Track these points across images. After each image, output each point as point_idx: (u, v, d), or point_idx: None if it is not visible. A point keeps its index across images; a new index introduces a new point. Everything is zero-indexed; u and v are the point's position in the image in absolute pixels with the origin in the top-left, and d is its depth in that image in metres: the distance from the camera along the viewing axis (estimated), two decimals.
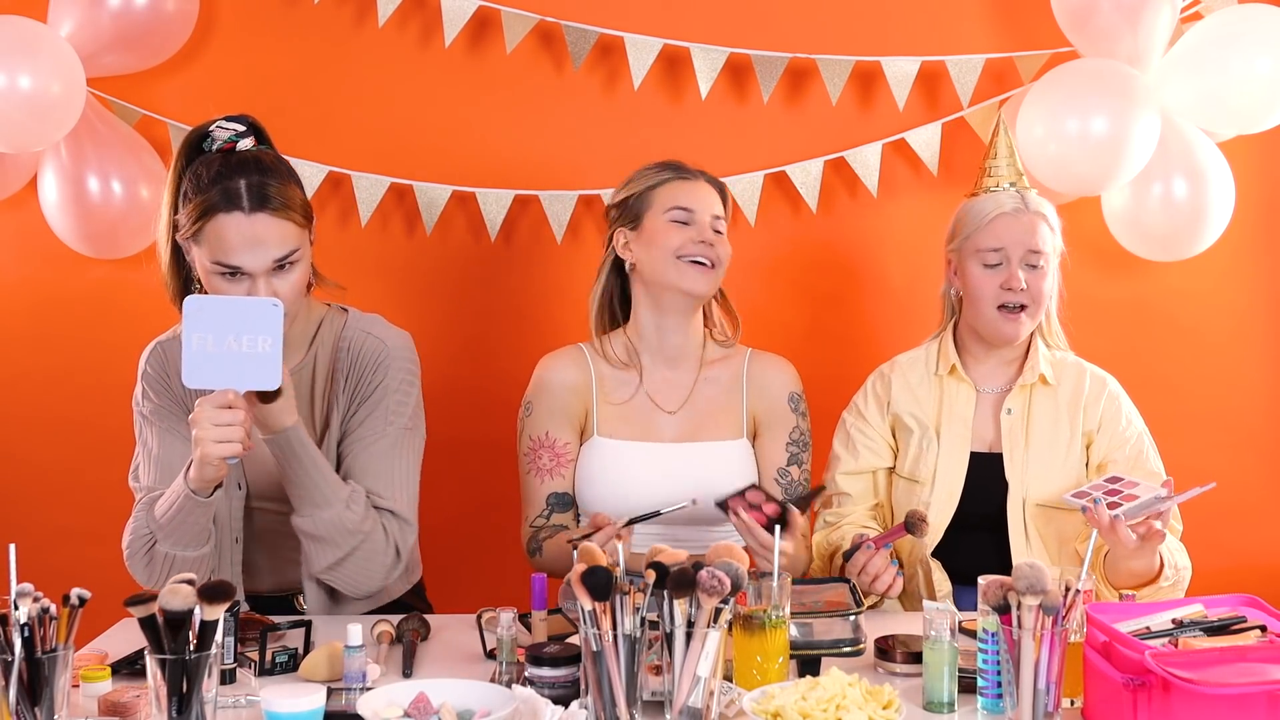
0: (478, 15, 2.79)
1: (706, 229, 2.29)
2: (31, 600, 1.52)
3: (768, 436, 2.35)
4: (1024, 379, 2.33)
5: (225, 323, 1.89)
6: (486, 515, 2.59)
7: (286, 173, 2.08)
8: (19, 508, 2.91)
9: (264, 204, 1.99)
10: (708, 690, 1.55)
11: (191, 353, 1.89)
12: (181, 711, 1.51)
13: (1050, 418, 2.32)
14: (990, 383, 2.37)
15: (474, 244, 2.90)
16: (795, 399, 2.37)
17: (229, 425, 1.89)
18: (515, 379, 2.76)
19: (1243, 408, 2.93)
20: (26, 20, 2.61)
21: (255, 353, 1.89)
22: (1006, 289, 2.26)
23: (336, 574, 2.10)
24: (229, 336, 1.89)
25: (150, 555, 2.05)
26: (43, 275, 2.90)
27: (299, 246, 2.03)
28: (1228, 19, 2.66)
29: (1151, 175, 2.67)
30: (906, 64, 2.78)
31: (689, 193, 2.32)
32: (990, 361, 2.36)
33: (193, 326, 1.89)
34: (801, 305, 2.92)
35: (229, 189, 1.99)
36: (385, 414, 2.16)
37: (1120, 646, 1.58)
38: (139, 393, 2.19)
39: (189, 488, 1.96)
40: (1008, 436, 2.31)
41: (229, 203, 1.98)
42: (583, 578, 1.53)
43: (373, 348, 2.18)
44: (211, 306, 1.91)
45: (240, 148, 2.06)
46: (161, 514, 2.02)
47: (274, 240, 2.00)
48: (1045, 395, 2.33)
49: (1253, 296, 2.92)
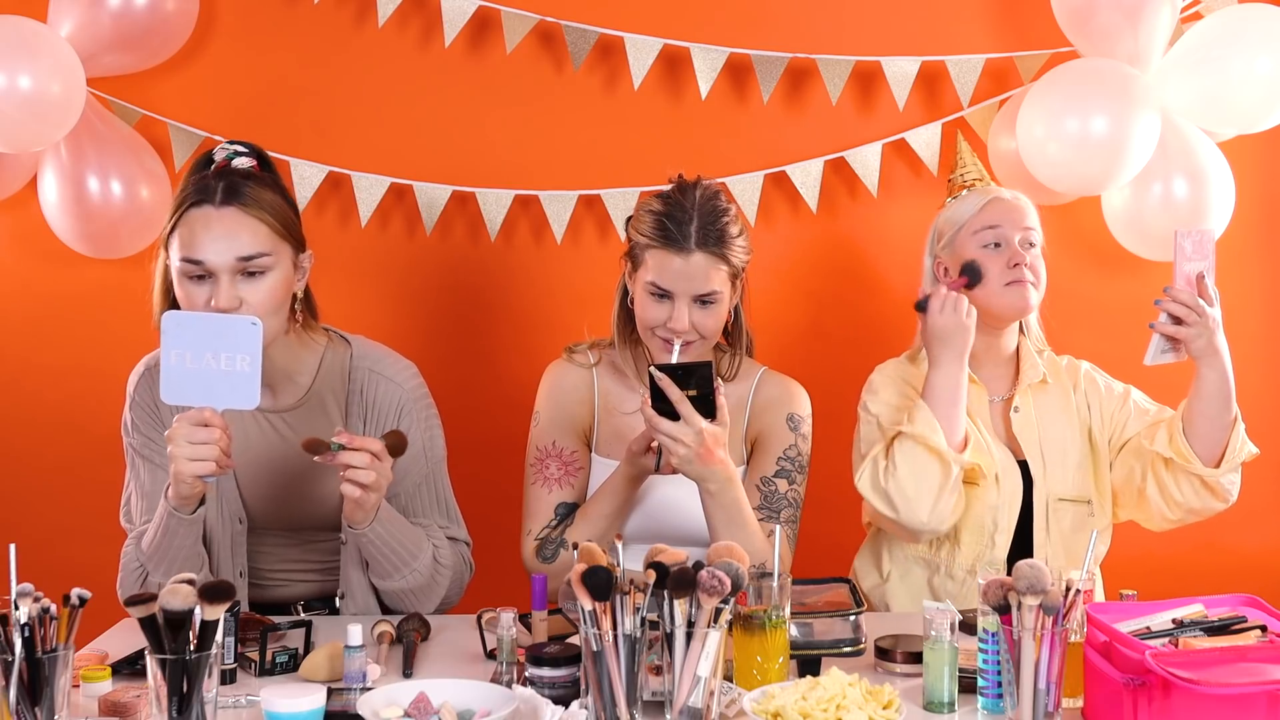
0: (478, 15, 2.79)
1: (682, 315, 2.13)
2: (31, 600, 1.52)
3: (760, 451, 2.29)
4: (1026, 379, 2.36)
5: (203, 340, 1.88)
6: (487, 516, 2.58)
7: (270, 182, 2.08)
8: (19, 508, 2.90)
9: (235, 198, 2.00)
10: (708, 690, 1.55)
11: (170, 369, 1.89)
12: (181, 711, 1.51)
13: (1051, 414, 2.36)
14: (991, 389, 2.38)
15: (474, 244, 2.90)
16: (795, 420, 2.29)
17: (204, 444, 1.88)
18: (515, 379, 2.77)
19: (1243, 407, 2.91)
20: (26, 20, 2.61)
21: (234, 371, 1.88)
22: (1013, 264, 2.27)
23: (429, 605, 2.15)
24: (207, 354, 1.88)
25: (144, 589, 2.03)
26: (43, 275, 2.90)
27: (270, 252, 2.01)
28: (1228, 19, 2.66)
29: (1151, 175, 2.67)
30: (906, 64, 2.78)
31: (672, 270, 2.13)
32: (986, 367, 2.37)
33: (171, 343, 1.89)
34: (801, 305, 2.92)
35: (204, 185, 2.01)
36: (422, 456, 2.20)
37: (1120, 646, 1.58)
38: (128, 420, 2.18)
39: (170, 505, 1.96)
40: (1022, 435, 2.33)
41: (201, 195, 2.00)
42: (583, 578, 1.53)
43: (389, 393, 2.18)
44: (189, 323, 1.91)
45: (235, 163, 2.08)
46: (148, 542, 2.02)
47: (240, 236, 1.98)
48: (1043, 393, 2.37)
49: (1253, 296, 2.92)
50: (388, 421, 2.16)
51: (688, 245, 2.12)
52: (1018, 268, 2.27)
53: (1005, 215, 2.31)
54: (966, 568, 2.32)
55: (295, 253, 2.08)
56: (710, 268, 2.14)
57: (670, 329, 2.15)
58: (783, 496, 2.25)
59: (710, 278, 2.14)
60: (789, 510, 2.25)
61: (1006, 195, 2.35)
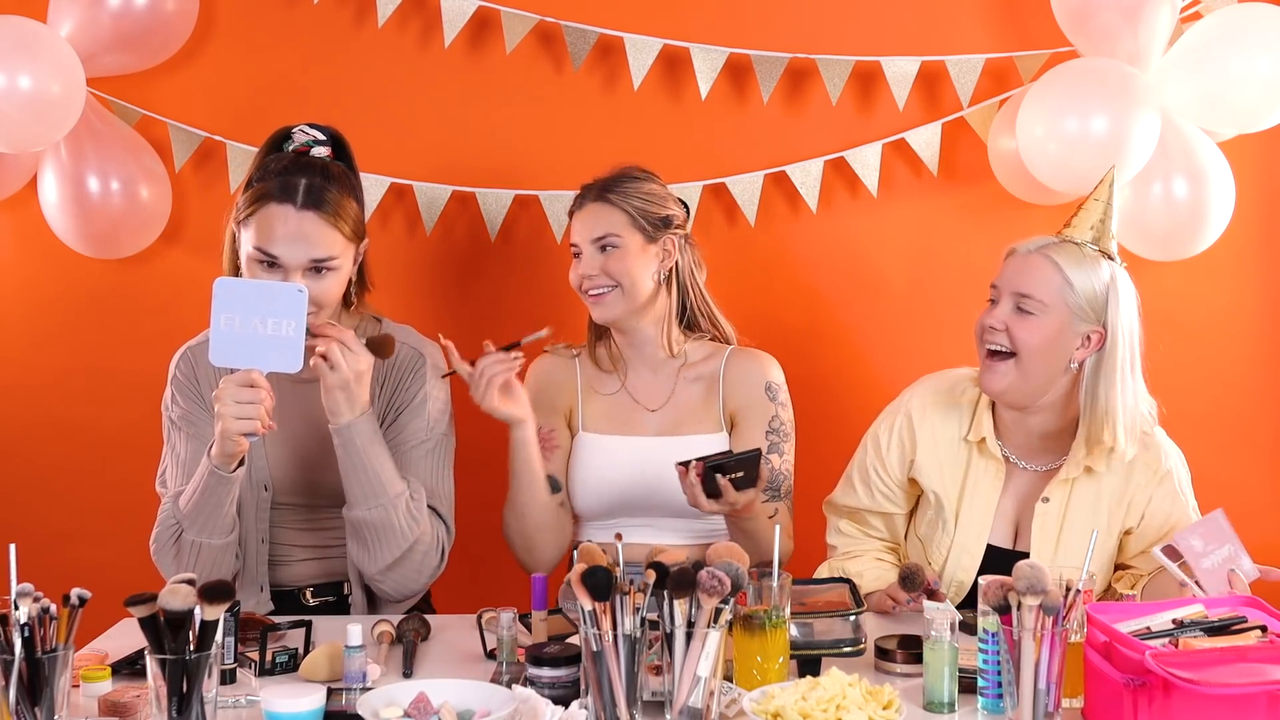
0: (477, 15, 2.79)
1: (591, 261, 2.32)
2: (31, 600, 1.52)
3: (745, 427, 2.35)
4: (1067, 471, 2.05)
5: (251, 305, 1.96)
6: (487, 516, 2.58)
7: (349, 186, 2.16)
8: (19, 508, 2.90)
9: (317, 205, 2.07)
10: (708, 690, 1.55)
11: (219, 332, 1.97)
12: (181, 711, 1.51)
13: (1090, 508, 2.07)
14: (1030, 459, 2.11)
15: (474, 244, 2.90)
16: (772, 388, 2.36)
17: (250, 403, 1.95)
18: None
19: (1243, 407, 2.92)
20: (26, 20, 2.61)
21: (279, 335, 1.96)
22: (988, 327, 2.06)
23: (389, 575, 2.14)
24: (254, 319, 1.96)
25: (178, 545, 2.09)
26: (43, 275, 2.90)
27: (339, 256, 2.10)
28: (1228, 19, 2.66)
29: (1151, 175, 2.67)
30: (906, 64, 2.78)
31: (576, 226, 2.35)
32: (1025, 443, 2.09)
33: (221, 307, 1.97)
34: (801, 305, 2.92)
35: (288, 183, 2.08)
36: (427, 420, 2.22)
37: (1120, 646, 1.58)
38: (168, 396, 2.24)
39: (212, 463, 2.01)
40: (1039, 532, 2.06)
41: (284, 195, 2.07)
42: (583, 578, 1.53)
43: (409, 356, 2.24)
44: (239, 289, 1.99)
45: (314, 153, 2.15)
46: (186, 501, 2.07)
47: (316, 242, 2.07)
48: (1089, 481, 2.07)
49: (1253, 296, 2.91)
50: (404, 379, 2.22)
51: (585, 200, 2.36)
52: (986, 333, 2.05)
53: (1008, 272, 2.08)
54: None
55: (359, 246, 2.18)
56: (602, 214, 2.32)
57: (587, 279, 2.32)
58: (778, 472, 2.32)
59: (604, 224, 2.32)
60: (787, 482, 2.33)
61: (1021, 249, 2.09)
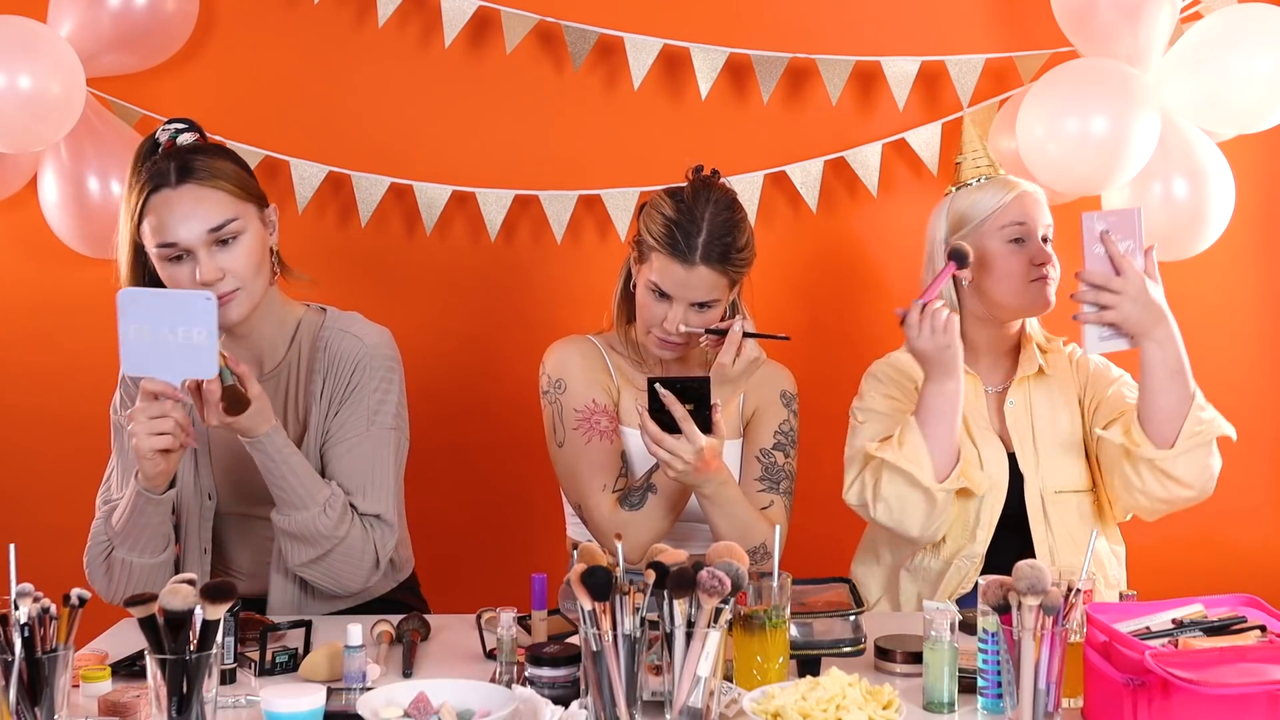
0: (478, 15, 2.79)
1: (676, 316, 2.19)
2: (31, 600, 1.52)
3: (756, 424, 2.36)
4: (1022, 370, 2.34)
5: (160, 315, 1.90)
6: (486, 515, 2.59)
7: (217, 151, 2.11)
8: (19, 508, 2.90)
9: (188, 175, 2.02)
10: (708, 690, 1.55)
11: (129, 341, 1.91)
12: (181, 711, 1.51)
13: (1048, 405, 2.34)
14: (988, 380, 2.37)
15: (474, 244, 2.90)
16: (788, 396, 2.37)
17: (160, 417, 1.91)
18: (515, 379, 2.77)
19: (1242, 407, 2.91)
20: (26, 20, 2.61)
21: (191, 344, 1.89)
22: (1039, 263, 2.26)
23: (313, 570, 2.10)
24: (164, 329, 1.90)
25: (108, 563, 2.07)
26: (43, 275, 2.90)
27: (236, 217, 2.04)
28: (1228, 19, 2.66)
29: (1151, 175, 2.67)
30: (906, 64, 2.78)
31: (673, 277, 2.18)
32: (986, 358, 2.37)
33: (128, 319, 1.91)
34: (801, 305, 2.92)
35: (157, 170, 2.03)
36: (366, 415, 2.14)
37: (1120, 646, 1.58)
38: (117, 399, 2.21)
39: (139, 485, 1.98)
40: (1014, 429, 2.32)
41: (157, 180, 2.02)
42: (583, 578, 1.53)
43: (350, 347, 2.16)
44: (145, 299, 1.94)
45: (180, 141, 2.09)
46: (118, 518, 2.04)
47: (204, 209, 2.01)
48: (1041, 384, 2.35)
49: (1253, 296, 2.92)
50: (343, 375, 2.14)
51: (692, 259, 2.17)
52: (1043, 266, 2.27)
53: (1030, 211, 2.29)
54: (945, 559, 2.30)
55: (260, 210, 2.11)
56: (712, 280, 2.19)
57: (664, 328, 2.22)
58: (781, 468, 2.32)
59: (711, 289, 2.20)
60: (786, 481, 2.33)
61: (1029, 188, 2.32)
